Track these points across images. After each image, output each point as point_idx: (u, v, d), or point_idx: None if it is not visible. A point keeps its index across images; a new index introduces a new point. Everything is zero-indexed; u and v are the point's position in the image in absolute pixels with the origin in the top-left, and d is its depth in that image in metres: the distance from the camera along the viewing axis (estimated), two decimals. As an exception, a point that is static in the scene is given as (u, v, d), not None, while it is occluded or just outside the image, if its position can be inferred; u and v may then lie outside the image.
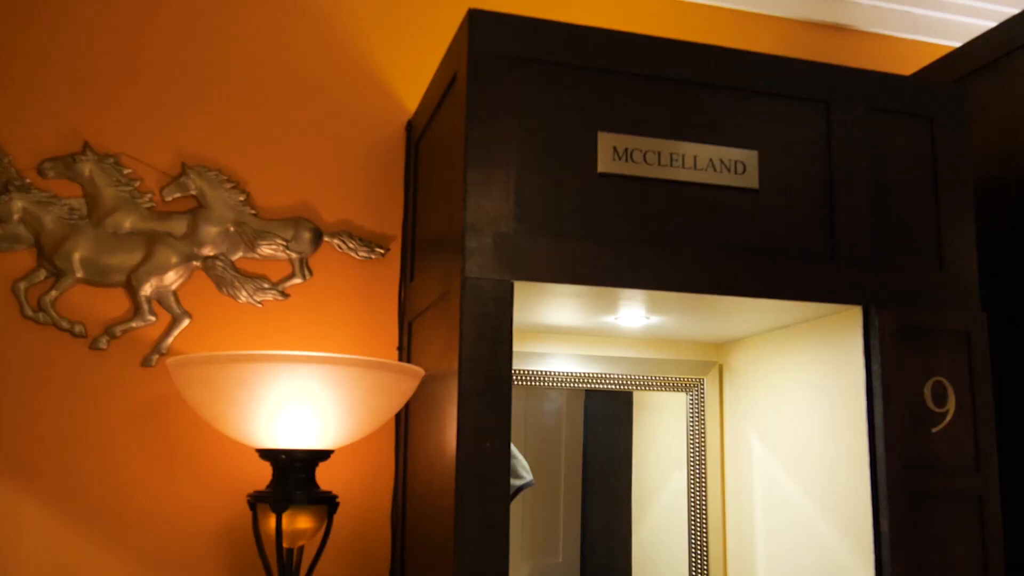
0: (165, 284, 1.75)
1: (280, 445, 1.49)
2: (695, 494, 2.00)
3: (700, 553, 1.98)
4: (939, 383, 1.57)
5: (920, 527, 1.52)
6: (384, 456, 1.83)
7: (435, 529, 1.47)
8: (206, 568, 1.71)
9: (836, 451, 1.63)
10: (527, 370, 1.91)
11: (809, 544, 1.70)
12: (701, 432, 2.01)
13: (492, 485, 1.35)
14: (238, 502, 1.70)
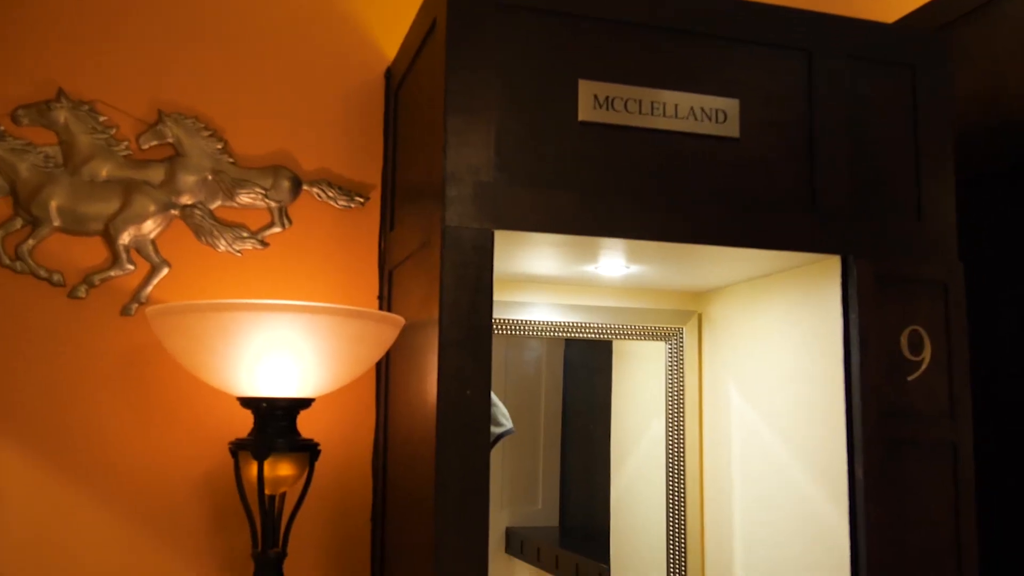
0: (143, 233, 1.73)
1: (261, 393, 1.49)
2: (673, 442, 2.02)
3: (677, 500, 2.01)
4: (915, 332, 1.59)
5: (894, 474, 1.55)
6: (365, 405, 1.84)
7: (416, 476, 1.49)
8: (188, 516, 1.73)
9: (813, 399, 1.65)
10: (507, 319, 1.92)
11: (785, 491, 1.73)
12: (680, 381, 2.03)
13: (472, 433, 1.36)
14: (220, 450, 1.71)
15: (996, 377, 1.82)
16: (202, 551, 1.73)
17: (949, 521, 1.58)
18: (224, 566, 1.73)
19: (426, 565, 1.37)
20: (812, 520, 1.64)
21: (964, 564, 1.57)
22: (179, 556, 1.71)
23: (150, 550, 1.70)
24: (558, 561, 2.10)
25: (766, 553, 1.78)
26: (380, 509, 1.78)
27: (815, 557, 1.63)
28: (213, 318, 1.41)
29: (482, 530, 1.36)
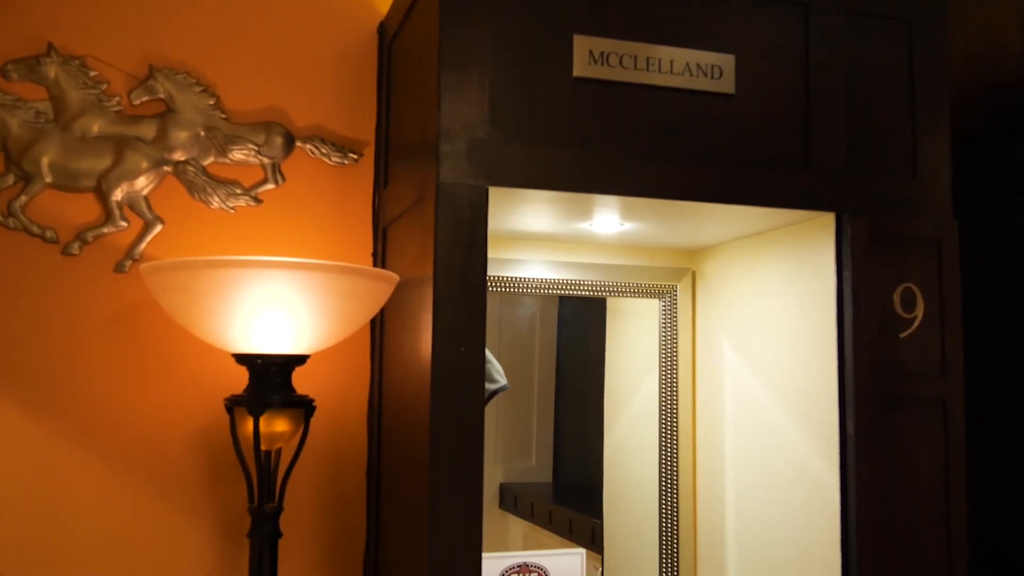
0: (136, 189, 1.73)
1: (256, 350, 1.49)
2: (666, 399, 2.03)
3: (670, 456, 2.02)
4: (908, 289, 1.59)
5: (885, 430, 1.56)
6: (360, 361, 1.84)
7: (411, 432, 1.50)
8: (185, 471, 1.74)
9: (806, 357, 1.66)
10: (501, 276, 1.92)
11: (777, 448, 1.74)
12: (673, 338, 2.04)
13: (467, 389, 1.37)
14: (215, 406, 1.72)
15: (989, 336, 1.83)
16: (199, 506, 1.74)
17: (939, 476, 1.59)
18: (221, 521, 1.75)
19: (421, 520, 1.38)
20: (803, 475, 1.66)
21: (952, 518, 1.59)
22: (176, 511, 1.73)
23: (147, 505, 1.71)
24: (551, 516, 2.13)
25: (758, 508, 1.80)
26: (375, 465, 1.79)
27: (806, 511, 1.64)
28: (207, 275, 1.41)
29: (476, 486, 1.37)
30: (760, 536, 1.79)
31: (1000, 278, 1.85)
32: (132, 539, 1.70)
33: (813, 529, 1.62)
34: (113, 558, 1.69)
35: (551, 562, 1.87)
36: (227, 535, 1.75)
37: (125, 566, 1.69)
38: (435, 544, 1.35)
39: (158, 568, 1.71)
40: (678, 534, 2.01)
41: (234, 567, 1.75)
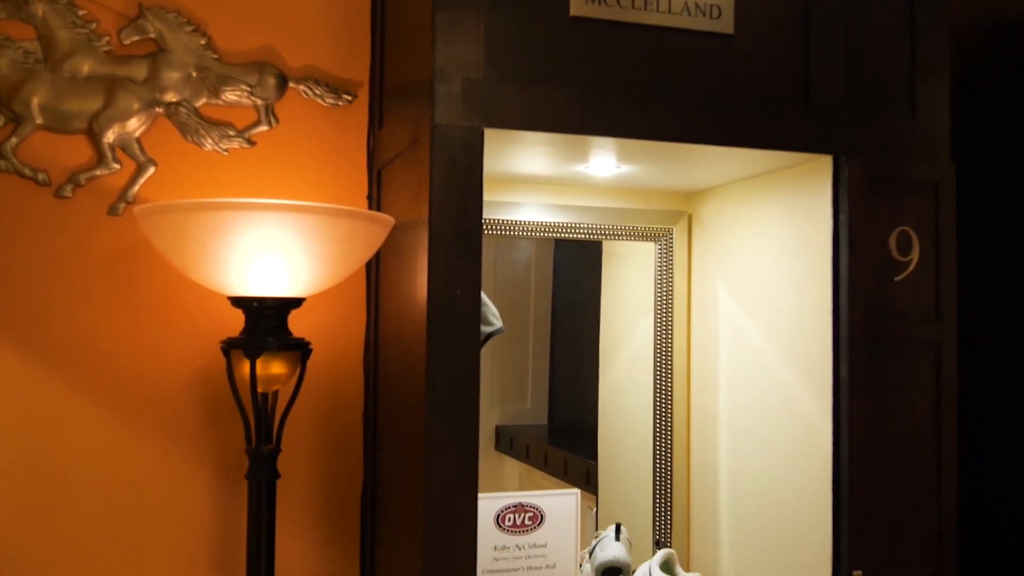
0: (128, 131, 1.71)
1: (252, 293, 1.49)
2: (661, 342, 2.04)
3: (664, 399, 2.04)
4: (904, 233, 1.59)
5: (878, 373, 1.57)
6: (356, 304, 1.84)
7: (407, 375, 1.50)
8: (182, 413, 1.75)
9: (801, 300, 1.67)
10: (497, 219, 1.91)
11: (771, 391, 1.75)
12: (669, 281, 2.04)
13: (462, 332, 1.37)
14: (212, 348, 1.72)
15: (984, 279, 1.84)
16: (197, 447, 1.75)
17: (930, 418, 1.61)
18: (219, 462, 1.77)
19: (417, 462, 1.39)
20: (796, 417, 1.67)
21: (944, 460, 1.61)
22: (174, 452, 1.74)
23: (145, 447, 1.73)
24: (547, 458, 2.15)
25: (750, 450, 1.82)
26: (372, 407, 1.81)
27: (798, 453, 1.66)
28: (202, 217, 1.40)
29: (472, 427, 1.38)
30: (753, 477, 1.81)
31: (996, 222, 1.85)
32: (131, 482, 1.72)
33: (806, 471, 1.64)
34: (111, 501, 1.71)
35: (546, 502, 1.89)
36: (226, 476, 1.77)
37: (124, 509, 1.71)
38: (431, 485, 1.36)
39: (157, 509, 1.73)
40: (672, 475, 2.03)
41: (233, 508, 1.77)
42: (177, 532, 1.74)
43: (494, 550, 1.87)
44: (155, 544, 1.73)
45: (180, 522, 1.74)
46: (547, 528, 1.89)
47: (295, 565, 1.80)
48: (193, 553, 1.75)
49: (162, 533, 1.73)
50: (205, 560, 1.75)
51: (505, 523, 1.87)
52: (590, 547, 2.04)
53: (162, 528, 1.73)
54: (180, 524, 1.74)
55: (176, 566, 1.74)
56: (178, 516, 1.74)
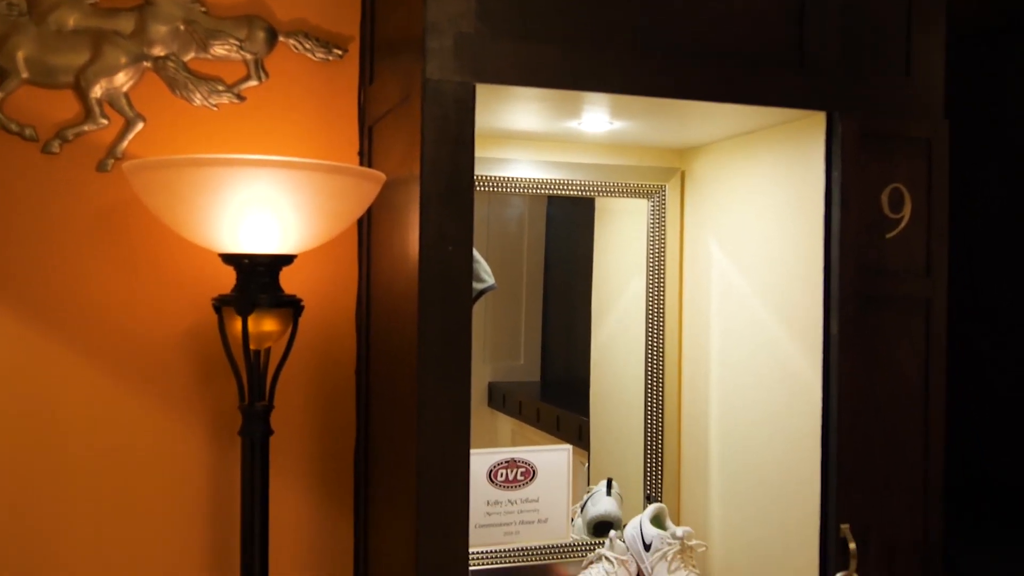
0: (115, 86, 1.69)
1: (243, 250, 1.49)
2: (653, 299, 2.05)
3: (656, 356, 2.05)
4: (897, 190, 1.59)
5: (868, 329, 1.58)
6: (348, 261, 1.84)
7: (399, 332, 1.50)
8: (174, 370, 1.75)
9: (793, 257, 1.67)
10: (489, 176, 1.90)
11: (762, 348, 1.76)
12: (661, 238, 2.04)
13: (454, 289, 1.37)
14: (203, 306, 1.72)
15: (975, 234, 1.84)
16: (190, 404, 1.76)
17: (919, 375, 1.62)
18: (212, 418, 1.77)
19: (410, 418, 1.40)
20: (787, 374, 1.68)
21: (932, 416, 1.62)
22: (167, 409, 1.75)
23: (137, 404, 1.73)
24: (539, 414, 2.16)
25: (741, 406, 1.83)
26: (364, 364, 1.81)
27: (788, 410, 1.67)
28: (191, 173, 1.39)
29: (464, 383, 1.38)
30: (743, 433, 1.82)
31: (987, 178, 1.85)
32: (124, 438, 1.72)
33: (795, 427, 1.65)
34: (105, 457, 1.71)
35: (538, 458, 1.90)
36: (219, 433, 1.77)
37: (117, 465, 1.72)
38: (424, 441, 1.37)
39: (151, 464, 1.74)
40: (663, 431, 2.05)
41: (227, 464, 1.78)
42: (171, 487, 1.75)
43: (487, 505, 1.89)
44: (149, 499, 1.74)
45: (174, 478, 1.75)
46: (539, 483, 1.91)
47: (289, 520, 1.82)
48: (187, 508, 1.76)
49: (156, 488, 1.74)
50: (199, 515, 1.77)
51: (497, 478, 1.89)
52: (582, 502, 2.06)
53: (156, 483, 1.74)
54: (174, 480, 1.75)
55: (170, 521, 1.75)
56: (172, 472, 1.75)
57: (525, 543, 1.94)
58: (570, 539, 1.97)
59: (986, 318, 1.85)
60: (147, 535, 1.74)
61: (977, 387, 1.84)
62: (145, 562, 1.74)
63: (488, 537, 1.90)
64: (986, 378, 1.85)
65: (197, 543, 1.77)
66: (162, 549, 1.75)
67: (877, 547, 1.58)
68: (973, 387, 1.84)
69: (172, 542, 1.75)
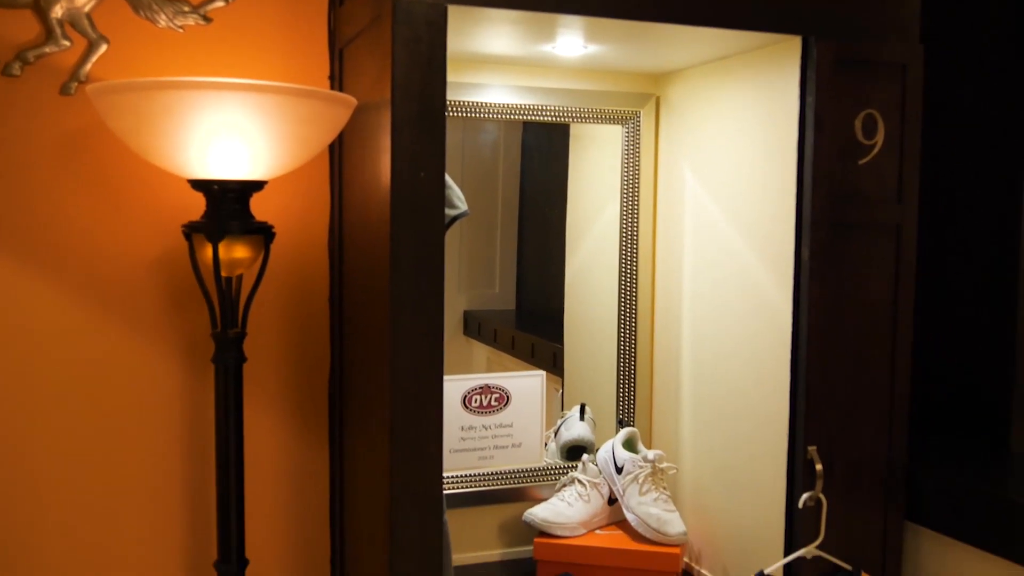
0: (76, 6, 1.64)
1: (212, 176, 1.47)
2: (627, 226, 2.05)
3: (629, 283, 2.05)
4: (870, 115, 1.58)
5: (839, 255, 1.59)
6: (319, 187, 1.82)
7: (372, 257, 1.50)
8: (146, 298, 1.74)
9: (766, 183, 1.67)
10: (462, 101, 1.88)
11: (734, 274, 1.77)
12: (635, 164, 2.03)
13: (427, 215, 1.37)
14: (174, 233, 1.70)
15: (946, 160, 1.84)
16: (162, 331, 1.75)
17: (888, 301, 1.64)
18: (185, 345, 1.77)
19: (384, 344, 1.40)
20: (758, 299, 1.69)
21: (899, 342, 1.64)
22: (139, 336, 1.74)
23: (109, 332, 1.72)
24: (514, 342, 2.17)
25: (712, 331, 1.85)
26: (338, 291, 1.81)
27: (759, 336, 1.69)
28: (158, 97, 1.36)
29: (437, 309, 1.39)
30: (714, 358, 1.84)
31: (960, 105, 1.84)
32: (97, 366, 1.71)
33: (765, 352, 1.67)
34: (78, 387, 1.71)
35: (512, 384, 1.92)
36: (193, 360, 1.77)
37: (91, 395, 1.72)
38: (397, 366, 1.38)
39: (125, 392, 1.73)
40: (635, 357, 2.07)
41: (202, 392, 1.78)
42: (145, 415, 1.75)
43: (461, 430, 1.91)
44: (123, 427, 1.74)
45: (148, 405, 1.75)
46: (513, 409, 1.93)
47: (265, 447, 1.83)
48: (163, 437, 1.76)
49: (130, 416, 1.74)
50: (175, 443, 1.77)
51: (472, 404, 1.91)
52: (555, 427, 2.09)
53: (131, 412, 1.74)
54: (148, 407, 1.75)
55: (146, 450, 1.76)
56: (146, 400, 1.75)
57: (499, 467, 1.97)
58: (543, 463, 2.01)
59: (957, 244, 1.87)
60: (122, 461, 1.74)
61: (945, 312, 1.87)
62: (121, 488, 1.75)
63: (463, 462, 1.92)
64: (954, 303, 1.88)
65: (173, 470, 1.78)
66: (137, 474, 1.75)
67: (842, 468, 1.61)
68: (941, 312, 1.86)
69: (148, 468, 1.76)
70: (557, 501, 1.92)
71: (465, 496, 1.96)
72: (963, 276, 1.86)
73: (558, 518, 1.88)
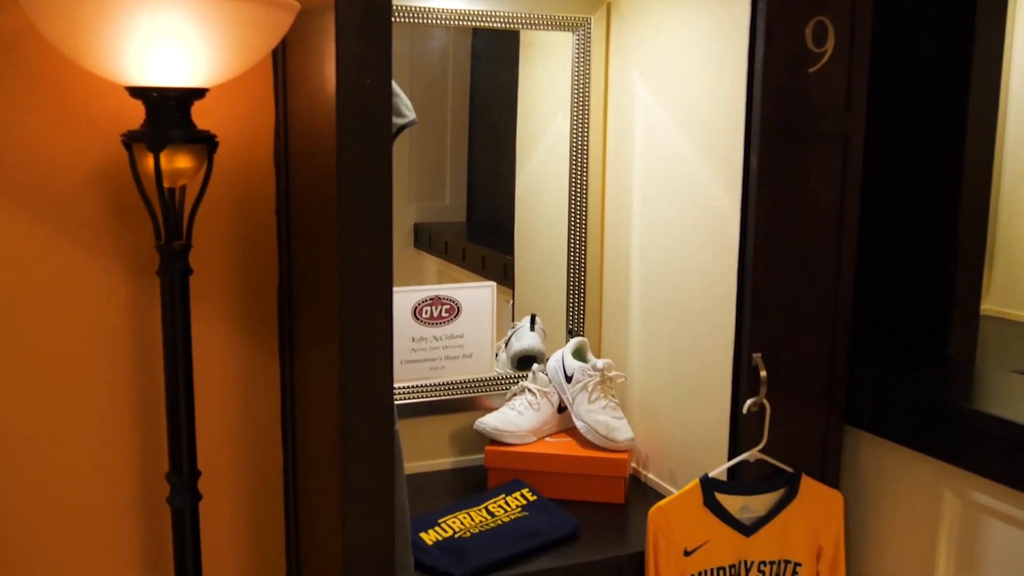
0: (1, -99, 1.56)
1: (151, 83, 1.42)
2: (577, 136, 2.03)
3: (579, 193, 2.05)
4: (821, 23, 1.57)
5: (787, 163, 1.59)
6: (263, 96, 1.77)
7: (318, 167, 1.48)
8: (86, 209, 1.70)
9: (716, 91, 1.66)
10: (409, 6, 1.83)
11: (684, 183, 1.77)
12: (586, 73, 2.01)
13: (373, 123, 1.34)
14: (113, 143, 1.65)
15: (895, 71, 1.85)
16: (105, 244, 1.71)
17: (834, 210, 1.65)
18: (129, 258, 1.73)
19: (332, 255, 1.39)
20: (707, 209, 1.70)
21: (843, 252, 1.67)
22: (81, 249, 1.70)
23: (48, 244, 1.68)
24: (465, 254, 2.17)
25: (662, 241, 1.86)
26: (284, 201, 1.78)
27: (707, 244, 1.71)
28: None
29: (386, 219, 1.37)
30: (663, 267, 1.86)
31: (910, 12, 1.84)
32: (35, 281, 1.68)
33: (713, 261, 1.69)
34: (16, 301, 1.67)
35: (462, 295, 1.92)
36: (138, 274, 1.74)
37: (30, 308, 1.68)
38: (345, 278, 1.37)
39: (67, 306, 1.70)
40: (585, 267, 2.08)
41: (147, 305, 1.75)
42: (91, 331, 1.73)
43: (412, 341, 1.91)
44: (68, 344, 1.72)
45: (93, 320, 1.72)
46: (464, 319, 1.94)
47: (214, 360, 1.82)
48: (109, 352, 1.74)
49: (75, 332, 1.72)
50: (123, 358, 1.75)
51: (422, 315, 1.91)
52: (506, 337, 2.10)
53: (74, 327, 1.71)
54: (93, 323, 1.73)
55: (93, 365, 1.73)
56: (91, 314, 1.72)
57: (450, 378, 1.99)
58: (494, 373, 2.03)
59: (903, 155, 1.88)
60: (67, 377, 1.72)
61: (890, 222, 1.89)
62: (68, 404, 1.73)
63: (414, 372, 1.93)
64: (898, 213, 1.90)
65: (121, 384, 1.76)
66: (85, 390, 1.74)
67: (786, 374, 1.65)
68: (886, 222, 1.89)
69: (95, 384, 1.74)
70: (507, 410, 1.95)
71: (417, 406, 1.97)
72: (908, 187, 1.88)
73: (508, 426, 1.91)
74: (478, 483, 1.92)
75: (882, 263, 1.90)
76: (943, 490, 1.59)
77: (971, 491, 1.55)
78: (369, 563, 1.45)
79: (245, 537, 1.91)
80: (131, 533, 1.81)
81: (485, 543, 1.63)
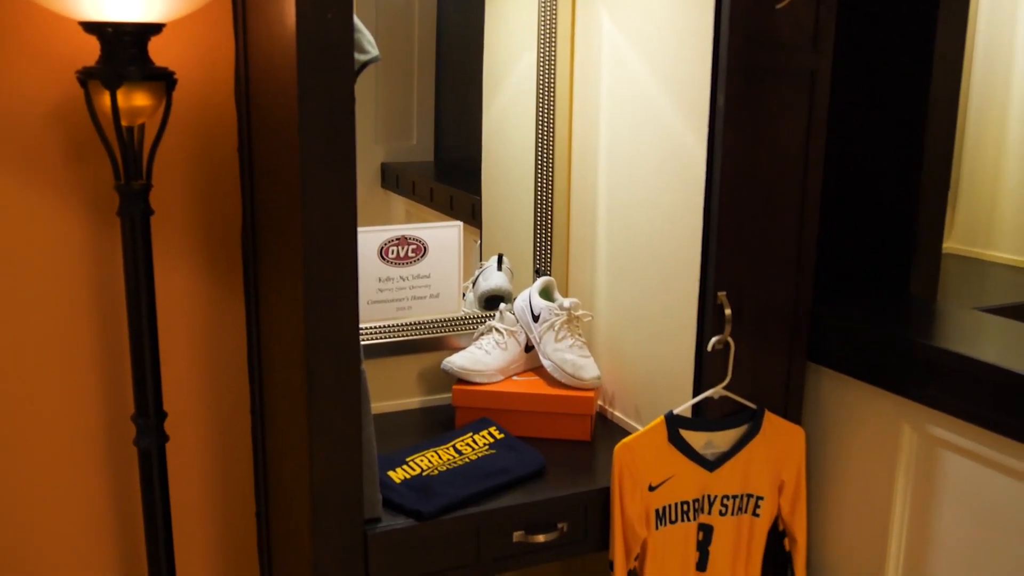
0: None
1: (105, 17, 1.39)
2: (544, 74, 2.01)
3: (546, 133, 2.04)
4: (789, -42, 1.56)
5: (753, 101, 1.59)
6: (223, 31, 1.73)
7: (280, 105, 1.45)
8: (43, 149, 1.66)
9: (682, 29, 1.64)
10: (372, -61, 1.79)
11: (650, 122, 1.76)
12: (553, 10, 1.98)
13: (335, 58, 1.32)
14: (68, 80, 1.61)
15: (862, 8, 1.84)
16: (62, 186, 1.68)
17: (800, 148, 1.65)
18: (89, 199, 1.70)
19: (295, 195, 1.37)
20: (673, 148, 1.70)
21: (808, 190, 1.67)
22: (38, 191, 1.67)
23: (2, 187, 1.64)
24: (432, 194, 2.15)
25: (628, 180, 1.85)
26: (246, 140, 1.75)
27: (674, 183, 1.70)
28: (38, -72, 1.27)
29: (349, 157, 1.36)
30: (629, 207, 1.86)
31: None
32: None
33: (680, 200, 1.69)
34: (-22, 237, 1.65)
35: (429, 234, 1.91)
36: (98, 215, 1.71)
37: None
38: (309, 217, 1.36)
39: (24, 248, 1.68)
40: (552, 207, 2.07)
41: (109, 247, 1.73)
42: (52, 273, 1.70)
43: (378, 282, 1.90)
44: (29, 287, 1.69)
45: (54, 263, 1.70)
46: (430, 259, 1.92)
47: (178, 302, 1.81)
48: (71, 294, 1.72)
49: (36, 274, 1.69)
50: (86, 300, 1.73)
51: (389, 255, 1.90)
52: (473, 277, 2.10)
53: (35, 269, 1.69)
54: (54, 265, 1.70)
55: (55, 308, 1.71)
56: (51, 256, 1.70)
57: (418, 318, 1.99)
58: (462, 313, 2.03)
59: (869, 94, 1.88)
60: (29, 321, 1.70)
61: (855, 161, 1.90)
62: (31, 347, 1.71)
63: (381, 312, 1.92)
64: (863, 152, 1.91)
65: (84, 327, 1.74)
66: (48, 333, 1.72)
67: (751, 312, 1.66)
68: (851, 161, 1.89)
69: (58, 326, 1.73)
70: (475, 349, 1.95)
71: (384, 346, 1.97)
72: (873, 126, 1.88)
73: (476, 365, 1.91)
74: (446, 422, 1.94)
75: (847, 202, 1.91)
76: (902, 424, 1.62)
77: (929, 425, 1.58)
78: (337, 501, 1.46)
79: (213, 478, 1.91)
80: (98, 476, 1.81)
81: (453, 481, 1.64)
